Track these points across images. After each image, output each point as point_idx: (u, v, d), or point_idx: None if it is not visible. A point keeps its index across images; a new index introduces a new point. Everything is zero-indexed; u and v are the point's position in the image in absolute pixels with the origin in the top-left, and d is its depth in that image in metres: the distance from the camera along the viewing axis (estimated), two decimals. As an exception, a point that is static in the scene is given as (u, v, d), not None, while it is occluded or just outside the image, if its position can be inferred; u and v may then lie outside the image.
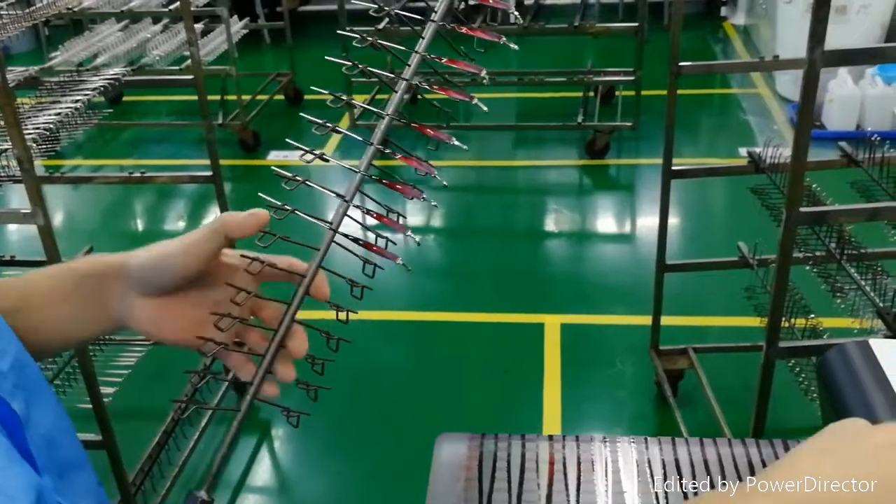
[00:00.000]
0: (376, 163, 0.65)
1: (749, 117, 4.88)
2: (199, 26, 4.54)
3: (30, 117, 2.24)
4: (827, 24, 1.53)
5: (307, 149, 0.65)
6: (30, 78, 2.53)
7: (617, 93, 4.84)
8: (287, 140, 0.70)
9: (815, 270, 2.29)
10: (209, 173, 2.64)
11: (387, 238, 0.64)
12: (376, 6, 0.66)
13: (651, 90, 4.37)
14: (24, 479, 0.54)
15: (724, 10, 6.49)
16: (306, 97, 5.39)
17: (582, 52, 5.50)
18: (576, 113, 4.52)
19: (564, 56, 5.48)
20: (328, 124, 0.65)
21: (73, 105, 2.28)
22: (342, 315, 0.65)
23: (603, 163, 4.42)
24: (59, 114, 2.22)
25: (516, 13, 0.65)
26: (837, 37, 1.55)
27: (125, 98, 5.44)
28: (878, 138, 2.26)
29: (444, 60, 0.63)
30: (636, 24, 4.22)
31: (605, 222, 4.11)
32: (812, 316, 2.23)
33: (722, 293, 3.08)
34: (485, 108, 0.63)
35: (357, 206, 0.66)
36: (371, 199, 0.67)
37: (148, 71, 4.06)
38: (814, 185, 2.36)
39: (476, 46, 0.64)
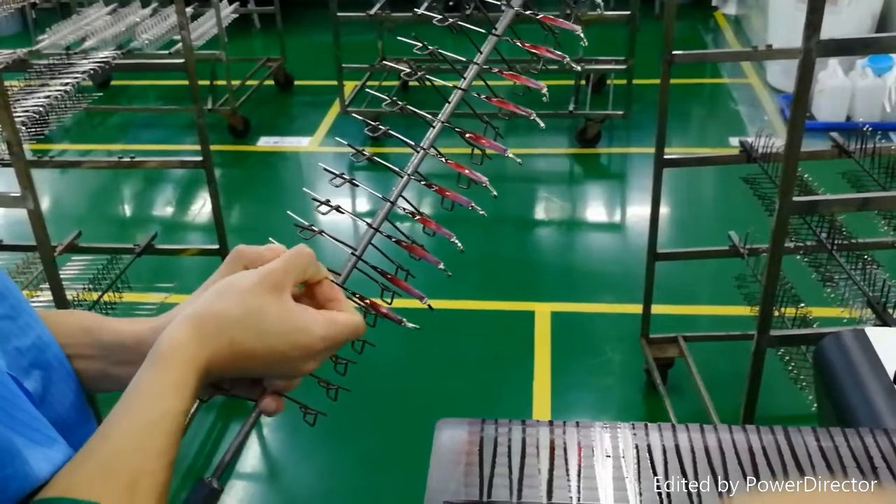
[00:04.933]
0: (366, 150, 0.65)
1: (739, 107, 4.89)
2: (188, 10, 4.51)
3: (18, 100, 2.22)
4: (823, 13, 1.53)
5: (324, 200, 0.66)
6: (18, 60, 2.50)
7: (608, 81, 4.83)
8: (305, 189, 0.71)
9: (805, 260, 2.30)
10: (199, 158, 2.62)
11: (393, 293, 0.65)
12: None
13: (642, 79, 4.36)
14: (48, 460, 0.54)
15: (715, 0, 6.49)
16: (296, 83, 5.36)
17: (573, 40, 5.49)
18: (567, 101, 4.52)
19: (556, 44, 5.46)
20: (345, 175, 0.66)
21: (62, 88, 2.26)
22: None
23: (594, 151, 4.42)
24: (48, 97, 2.20)
25: (582, 35, 0.65)
26: (829, 27, 1.55)
27: (113, 82, 5.40)
28: (870, 129, 2.27)
29: (506, 74, 0.64)
30: (628, 13, 4.21)
31: (596, 211, 4.12)
32: (802, 305, 2.24)
33: (712, 282, 3.09)
34: (542, 125, 0.64)
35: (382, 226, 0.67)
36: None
37: (138, 55, 4.03)
38: (805, 175, 2.37)
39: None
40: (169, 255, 2.99)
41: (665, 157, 2.42)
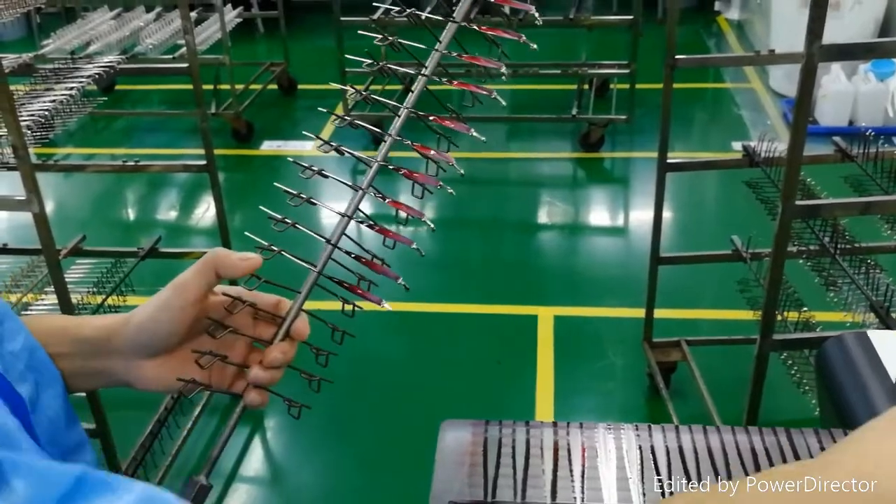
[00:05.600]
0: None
1: (742, 112, 4.89)
2: (192, 15, 4.52)
3: (24, 104, 2.22)
4: (825, 18, 1.53)
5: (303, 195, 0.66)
6: (23, 65, 2.51)
7: (611, 86, 4.84)
8: (276, 184, 0.71)
9: (808, 264, 2.30)
10: (203, 162, 2.63)
11: (370, 282, 0.65)
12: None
13: (645, 84, 4.37)
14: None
15: (717, 5, 6.50)
16: (300, 87, 5.38)
17: (577, 44, 5.51)
18: (570, 105, 4.53)
19: (559, 48, 5.48)
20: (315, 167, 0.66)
21: (67, 92, 2.26)
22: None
23: (597, 156, 4.43)
24: (53, 101, 2.21)
25: (536, 14, 0.65)
26: (832, 32, 1.55)
27: (118, 87, 5.41)
28: (872, 133, 2.27)
29: (464, 57, 0.64)
30: (631, 17, 4.22)
31: (599, 215, 4.12)
32: (805, 309, 2.25)
33: (715, 286, 3.10)
34: (503, 102, 0.64)
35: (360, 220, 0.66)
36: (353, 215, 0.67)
37: (142, 59, 4.04)
38: (808, 180, 2.37)
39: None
40: (173, 259, 3.00)
41: (668, 161, 2.43)
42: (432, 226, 0.65)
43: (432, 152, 0.64)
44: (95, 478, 0.45)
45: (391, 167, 0.65)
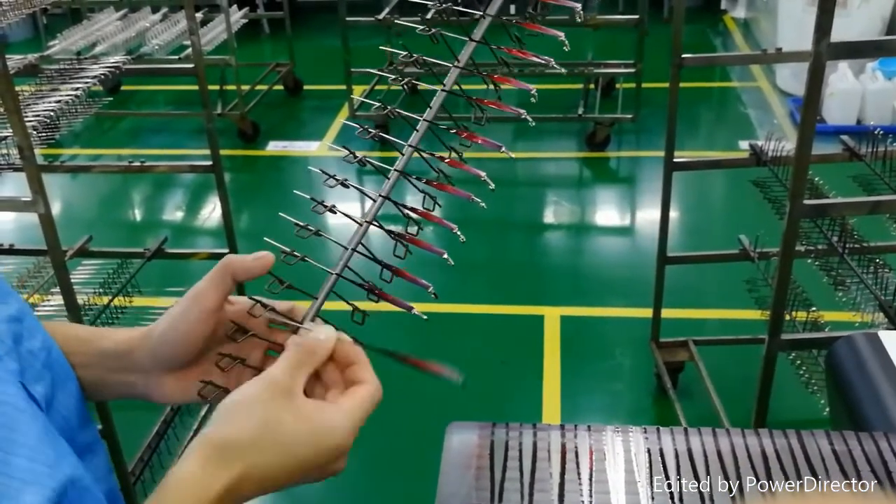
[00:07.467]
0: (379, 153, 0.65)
1: (749, 111, 4.88)
2: (198, 16, 4.52)
3: (29, 105, 2.22)
4: (833, 15, 1.52)
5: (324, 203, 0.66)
6: (29, 65, 2.51)
7: (617, 85, 4.83)
8: (296, 192, 0.70)
9: (816, 263, 2.29)
10: (209, 163, 2.62)
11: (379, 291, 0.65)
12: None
13: (651, 83, 4.36)
14: (49, 465, 0.53)
15: (724, 4, 6.48)
16: (305, 87, 5.38)
17: (582, 44, 5.49)
18: (576, 105, 4.51)
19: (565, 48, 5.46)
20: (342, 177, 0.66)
21: (73, 93, 2.26)
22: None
23: (603, 155, 4.41)
24: (59, 101, 2.21)
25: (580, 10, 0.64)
26: (839, 30, 1.54)
27: (123, 87, 5.42)
28: (881, 132, 2.26)
29: (513, 52, 0.63)
30: (637, 17, 4.20)
31: (605, 215, 4.11)
32: (813, 309, 2.23)
33: (722, 286, 3.08)
34: (531, 122, 0.63)
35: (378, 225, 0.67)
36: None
37: (148, 60, 4.04)
38: (816, 179, 2.36)
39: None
40: (179, 259, 3.00)
41: (675, 160, 2.42)
42: (462, 238, 0.65)
43: (465, 167, 0.64)
44: None
45: (423, 180, 0.65)
